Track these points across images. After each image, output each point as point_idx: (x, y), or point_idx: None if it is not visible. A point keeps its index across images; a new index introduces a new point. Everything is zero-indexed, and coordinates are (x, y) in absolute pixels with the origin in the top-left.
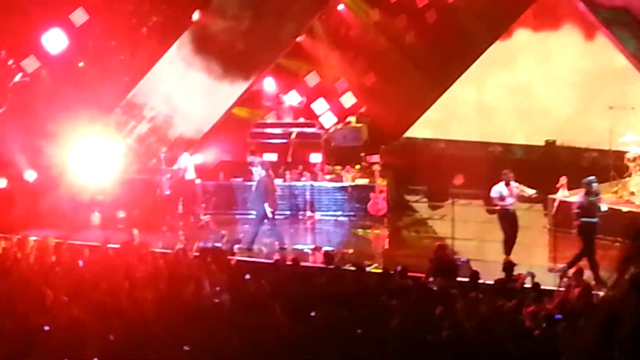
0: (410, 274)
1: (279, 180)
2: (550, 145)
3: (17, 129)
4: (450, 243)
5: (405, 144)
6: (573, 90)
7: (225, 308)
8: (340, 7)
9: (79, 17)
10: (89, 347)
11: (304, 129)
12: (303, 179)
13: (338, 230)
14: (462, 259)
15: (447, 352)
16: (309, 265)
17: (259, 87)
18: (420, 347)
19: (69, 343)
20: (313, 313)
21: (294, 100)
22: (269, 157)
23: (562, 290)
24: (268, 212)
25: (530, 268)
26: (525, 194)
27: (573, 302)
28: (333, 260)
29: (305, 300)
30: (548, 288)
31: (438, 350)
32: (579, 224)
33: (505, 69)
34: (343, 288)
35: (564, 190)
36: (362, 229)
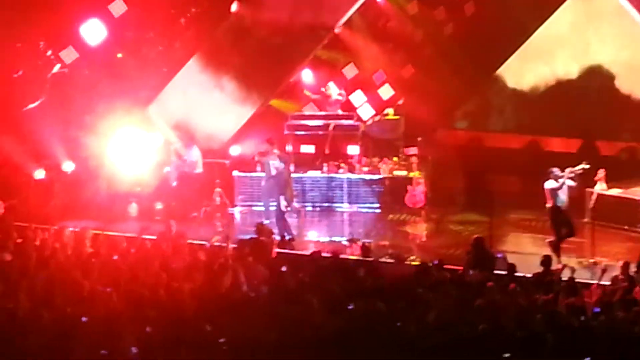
0: (448, 267)
1: (317, 172)
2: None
3: (55, 120)
4: (487, 236)
5: (443, 136)
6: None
7: (263, 300)
8: None
9: (118, 7)
10: (126, 338)
11: (342, 121)
12: (340, 171)
13: (375, 223)
14: (498, 254)
15: (484, 345)
16: (347, 258)
17: (297, 79)
18: (458, 340)
19: (106, 334)
20: (351, 306)
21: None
22: (307, 149)
23: (603, 284)
24: (282, 205)
25: (568, 261)
26: (578, 171)
27: (615, 296)
28: (370, 253)
29: (343, 293)
30: (585, 281)
31: (475, 343)
32: None
33: (543, 61)
34: (380, 281)
35: (602, 184)
36: (399, 222)
